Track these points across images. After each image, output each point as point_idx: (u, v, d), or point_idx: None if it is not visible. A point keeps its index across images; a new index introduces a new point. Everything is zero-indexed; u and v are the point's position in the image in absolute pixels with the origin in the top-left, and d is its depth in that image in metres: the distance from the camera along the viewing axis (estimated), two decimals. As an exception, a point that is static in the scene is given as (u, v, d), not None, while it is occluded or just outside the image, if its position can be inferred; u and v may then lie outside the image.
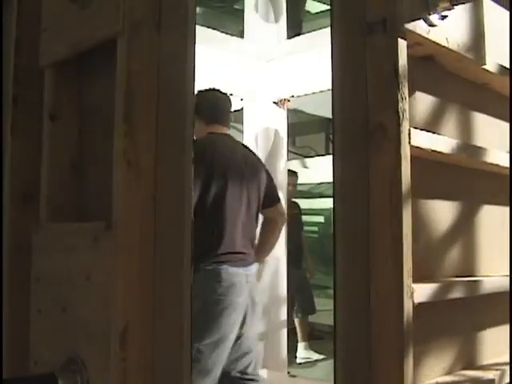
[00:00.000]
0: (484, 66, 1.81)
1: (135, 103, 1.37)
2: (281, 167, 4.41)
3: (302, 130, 9.17)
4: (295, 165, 7.71)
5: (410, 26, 1.51)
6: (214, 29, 4.40)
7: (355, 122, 1.50)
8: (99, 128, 1.62)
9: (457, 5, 1.55)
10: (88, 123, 1.67)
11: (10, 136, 1.71)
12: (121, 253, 1.33)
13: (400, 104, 1.44)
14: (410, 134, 1.46)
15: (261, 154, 4.22)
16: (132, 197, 1.35)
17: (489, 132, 1.94)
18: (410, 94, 1.51)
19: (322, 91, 4.46)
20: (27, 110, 1.73)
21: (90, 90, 1.67)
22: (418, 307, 1.45)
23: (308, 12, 7.90)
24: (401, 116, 1.43)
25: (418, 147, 1.50)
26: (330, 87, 1.54)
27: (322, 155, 8.98)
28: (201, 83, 1.49)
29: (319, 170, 7.85)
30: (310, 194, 8.85)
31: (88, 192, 1.64)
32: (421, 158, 1.55)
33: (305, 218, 7.05)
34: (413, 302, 1.43)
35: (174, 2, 1.48)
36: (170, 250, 1.40)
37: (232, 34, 4.60)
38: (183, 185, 1.44)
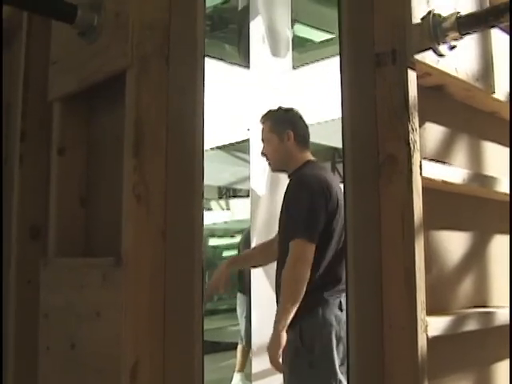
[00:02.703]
0: (493, 95, 1.81)
1: (145, 137, 1.36)
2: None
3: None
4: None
5: (419, 56, 1.51)
6: (219, 59, 4.43)
7: (365, 153, 1.49)
8: (107, 162, 1.61)
9: (465, 35, 1.55)
10: (96, 157, 1.66)
11: (18, 170, 1.70)
12: (130, 289, 1.31)
13: (411, 135, 1.43)
14: (421, 165, 1.45)
15: (270, 183, 4.21)
16: (142, 232, 1.34)
17: (499, 161, 1.93)
18: (420, 124, 1.50)
19: (327, 121, 4.48)
20: (35, 144, 1.73)
21: (98, 124, 1.67)
22: (432, 340, 1.43)
23: (311, 41, 7.96)
24: (412, 147, 1.42)
25: (428, 178, 1.49)
26: (336, 117, 1.54)
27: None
28: (207, 114, 1.49)
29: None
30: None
31: (96, 226, 1.63)
32: (432, 188, 1.54)
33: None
34: (427, 335, 1.41)
35: (182, 34, 1.48)
36: (180, 285, 1.38)
37: (239, 65, 4.64)
38: (193, 219, 1.42)
